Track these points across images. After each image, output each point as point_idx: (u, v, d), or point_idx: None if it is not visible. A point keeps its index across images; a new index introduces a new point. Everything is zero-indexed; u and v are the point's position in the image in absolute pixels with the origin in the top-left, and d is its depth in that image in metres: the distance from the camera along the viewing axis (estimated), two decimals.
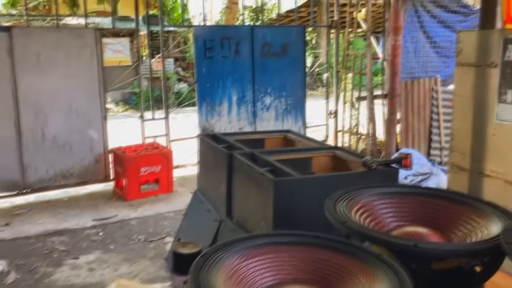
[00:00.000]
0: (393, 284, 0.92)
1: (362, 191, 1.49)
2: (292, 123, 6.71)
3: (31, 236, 4.39)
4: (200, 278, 0.94)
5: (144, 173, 5.34)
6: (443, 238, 1.32)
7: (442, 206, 1.44)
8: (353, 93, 7.16)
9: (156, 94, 8.95)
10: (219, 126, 6.20)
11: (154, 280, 3.48)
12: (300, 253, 1.10)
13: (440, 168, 6.09)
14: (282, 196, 2.39)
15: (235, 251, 1.06)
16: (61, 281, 3.59)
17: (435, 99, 6.79)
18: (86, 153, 5.50)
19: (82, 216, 4.83)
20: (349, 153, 3.00)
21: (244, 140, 3.41)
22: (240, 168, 2.82)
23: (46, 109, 5.24)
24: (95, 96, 5.46)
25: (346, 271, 1.02)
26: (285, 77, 6.57)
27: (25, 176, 5.23)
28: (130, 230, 4.50)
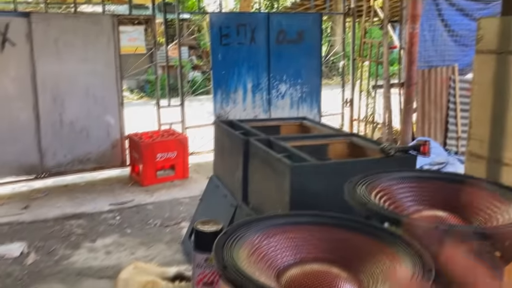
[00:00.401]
0: (414, 264, 0.92)
1: (381, 175, 1.49)
2: (307, 111, 6.69)
3: (50, 219, 4.47)
4: (223, 255, 0.95)
5: (160, 159, 5.38)
6: (463, 222, 1.32)
7: (462, 190, 1.43)
8: (369, 81, 7.10)
9: (171, 82, 8.98)
10: (234, 113, 6.21)
11: (170, 264, 3.52)
12: (320, 232, 1.11)
13: (457, 157, 6.03)
14: (298, 181, 2.39)
15: (256, 230, 1.08)
16: (79, 263, 3.66)
17: (452, 88, 6.71)
18: (103, 139, 5.56)
19: (99, 201, 4.90)
20: (366, 140, 2.99)
21: (260, 127, 3.41)
22: (256, 153, 2.84)
23: (63, 95, 5.30)
24: (112, 82, 5.51)
25: (367, 250, 1.03)
26: (301, 65, 6.54)
27: (43, 160, 5.31)
28: (146, 215, 4.56)
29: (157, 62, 6.54)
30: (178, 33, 6.28)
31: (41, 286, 3.34)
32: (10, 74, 5.03)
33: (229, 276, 0.85)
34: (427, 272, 0.87)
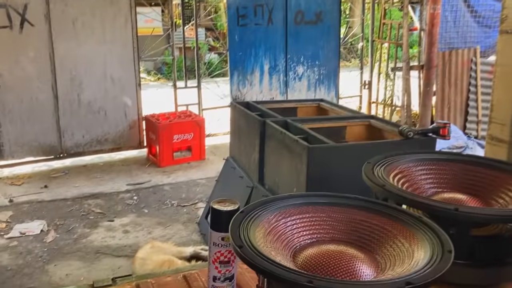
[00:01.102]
0: (433, 245, 0.91)
1: (400, 157, 1.46)
2: (324, 93, 6.63)
3: (68, 198, 4.55)
4: (239, 233, 0.95)
5: (177, 140, 5.41)
6: (483, 205, 1.30)
7: (482, 173, 1.40)
8: (388, 64, 6.99)
9: (187, 64, 8.98)
10: (250, 95, 6.18)
11: (186, 244, 3.57)
12: (338, 213, 1.10)
13: (477, 141, 5.94)
14: (316, 163, 2.38)
15: (273, 209, 1.07)
16: (98, 242, 3.72)
17: (474, 70, 6.56)
18: (120, 120, 5.60)
19: (117, 181, 4.97)
20: (384, 122, 2.95)
21: (277, 109, 3.40)
22: (273, 135, 2.83)
23: (81, 75, 5.34)
24: (129, 63, 5.52)
25: (385, 232, 1.01)
26: (319, 46, 6.46)
27: (62, 140, 5.38)
28: (163, 195, 4.60)
29: (174, 44, 6.53)
30: (195, 14, 6.24)
31: (61, 263, 3.42)
32: (29, 54, 5.08)
33: (245, 255, 0.85)
34: (447, 253, 0.86)
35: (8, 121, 5.09)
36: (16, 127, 5.13)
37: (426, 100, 6.29)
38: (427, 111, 6.30)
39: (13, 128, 5.12)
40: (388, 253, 0.97)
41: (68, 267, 3.36)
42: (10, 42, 4.95)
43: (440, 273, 0.80)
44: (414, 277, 0.79)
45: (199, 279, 1.25)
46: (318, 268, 0.91)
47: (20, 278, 3.24)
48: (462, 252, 1.14)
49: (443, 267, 0.82)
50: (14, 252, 3.56)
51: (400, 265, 0.90)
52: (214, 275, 1.17)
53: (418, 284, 0.77)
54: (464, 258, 1.14)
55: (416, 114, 6.71)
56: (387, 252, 0.98)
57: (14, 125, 5.12)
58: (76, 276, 3.23)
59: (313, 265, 0.93)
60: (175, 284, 1.24)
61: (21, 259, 3.47)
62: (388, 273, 0.89)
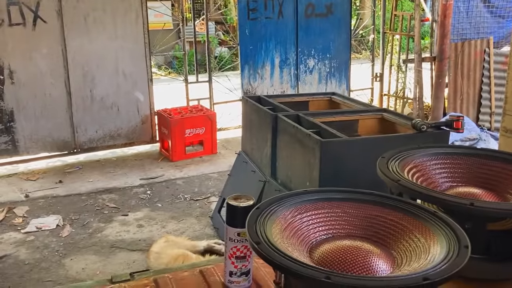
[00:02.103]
0: (449, 241, 0.91)
1: (414, 151, 1.46)
2: (336, 86, 6.61)
3: (83, 193, 4.60)
4: (256, 230, 0.96)
5: (189, 135, 5.44)
6: (498, 199, 1.29)
7: (497, 167, 1.40)
8: (399, 55, 6.94)
9: (198, 58, 8.98)
10: (261, 89, 6.18)
11: (200, 237, 3.60)
12: (353, 209, 1.11)
13: (490, 133, 5.88)
14: (328, 157, 2.39)
15: (289, 205, 1.08)
16: (112, 236, 3.77)
17: (487, 62, 6.48)
18: (133, 115, 5.64)
19: (130, 175, 5.01)
20: (397, 115, 2.94)
21: (288, 102, 3.40)
22: (285, 129, 2.83)
23: (94, 71, 5.38)
24: (141, 58, 5.55)
25: (401, 227, 1.02)
26: (329, 39, 6.42)
27: (76, 136, 5.44)
28: (176, 189, 4.64)
29: (185, 38, 6.54)
30: (205, 8, 6.24)
31: (77, 257, 3.47)
32: (42, 51, 5.12)
33: (262, 251, 0.86)
34: (463, 249, 0.86)
35: (22, 117, 5.15)
36: (30, 123, 5.19)
37: (439, 92, 6.24)
38: (439, 103, 6.25)
39: (27, 124, 5.18)
40: (404, 248, 0.98)
41: (84, 261, 3.41)
42: (24, 39, 5.00)
43: (457, 269, 0.80)
44: (431, 272, 0.80)
45: (215, 274, 1.27)
46: (335, 264, 0.92)
47: (37, 272, 3.30)
48: (478, 247, 1.14)
49: (460, 263, 0.82)
50: (31, 246, 3.62)
51: (416, 261, 0.91)
52: (230, 270, 1.19)
53: (436, 279, 0.78)
54: (480, 253, 1.15)
55: (428, 106, 6.66)
56: (403, 247, 0.98)
57: (28, 121, 5.18)
58: (92, 270, 3.28)
59: (330, 260, 0.94)
60: (192, 279, 1.26)
61: (38, 253, 3.52)
62: (405, 268, 0.90)
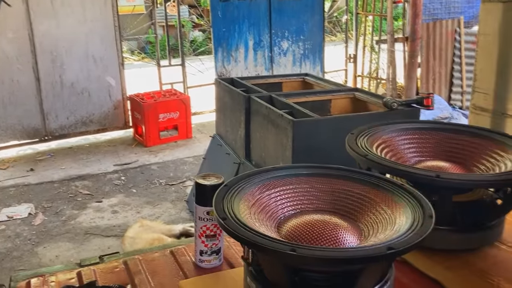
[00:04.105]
0: (415, 211, 0.92)
1: (383, 127, 1.47)
2: (310, 68, 6.61)
3: (55, 180, 4.52)
4: (223, 206, 0.95)
5: (163, 120, 5.38)
6: (465, 171, 1.31)
7: (464, 140, 1.42)
8: (373, 36, 6.97)
9: (172, 42, 8.86)
10: (235, 72, 6.14)
11: (176, 221, 3.59)
12: (321, 184, 1.10)
13: (461, 112, 5.99)
14: (301, 137, 2.39)
15: (256, 182, 1.07)
16: (86, 223, 3.72)
17: (458, 41, 6.57)
18: (104, 100, 5.54)
19: (104, 162, 4.94)
20: (369, 94, 2.96)
21: (262, 84, 3.39)
22: (258, 110, 2.82)
23: (63, 56, 5.25)
24: (111, 42, 5.43)
25: (368, 200, 1.02)
26: (303, 21, 6.40)
27: (46, 123, 5.32)
28: (151, 175, 4.59)
29: (156, 22, 6.43)
30: None
31: (50, 245, 3.41)
32: (7, 35, 4.96)
33: (228, 227, 0.85)
34: (428, 218, 0.87)
35: None
36: None
37: (411, 72, 6.30)
38: (412, 83, 6.32)
39: None
40: (371, 220, 0.98)
41: (58, 249, 3.36)
42: None
43: (421, 238, 0.81)
44: (395, 242, 0.80)
45: (186, 254, 1.26)
46: (302, 238, 0.92)
47: (10, 261, 3.24)
48: (444, 218, 1.15)
49: (424, 232, 0.83)
50: (2, 236, 3.55)
51: (382, 232, 0.91)
52: (201, 249, 1.18)
53: (400, 249, 0.78)
54: (446, 224, 1.16)
55: (401, 86, 6.73)
56: (370, 219, 0.99)
57: None
58: (65, 257, 3.24)
59: (297, 234, 0.94)
60: (163, 260, 1.25)
61: (10, 242, 3.46)
62: (371, 239, 0.91)
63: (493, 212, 1.21)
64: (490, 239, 1.23)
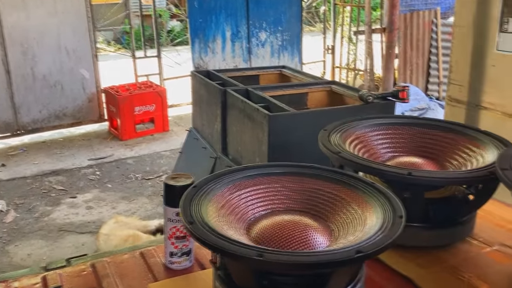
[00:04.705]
0: (385, 211, 0.90)
1: (356, 123, 1.46)
2: (288, 59, 6.58)
3: (28, 176, 4.41)
4: (190, 209, 0.92)
5: (139, 112, 5.29)
6: (438, 167, 1.31)
7: (438, 135, 1.41)
8: (350, 27, 6.97)
9: (148, 32, 8.71)
10: (213, 63, 6.07)
11: (152, 217, 3.55)
12: (292, 183, 1.08)
13: (438, 102, 6.06)
14: (277, 131, 2.37)
15: (226, 182, 1.04)
16: (60, 219, 3.65)
17: (435, 32, 6.63)
18: (78, 93, 5.42)
19: (78, 156, 4.84)
20: (345, 87, 2.95)
21: (238, 77, 3.35)
22: (234, 104, 2.79)
23: (34, 48, 5.11)
24: (84, 34, 5.31)
25: (339, 199, 1.01)
26: (280, 11, 6.36)
27: (18, 117, 5.19)
28: (126, 169, 4.52)
29: (131, 11, 6.30)
30: None
31: (22, 243, 3.33)
32: None
33: (195, 232, 0.83)
34: (398, 219, 0.86)
35: None
36: None
37: (389, 63, 6.33)
38: (389, 74, 6.35)
39: None
40: (342, 220, 0.97)
41: (30, 247, 3.29)
42: None
43: (390, 240, 0.79)
44: (364, 245, 0.78)
45: (156, 255, 1.23)
46: (272, 240, 0.90)
47: None
48: (416, 215, 1.15)
49: (394, 234, 0.81)
50: None
51: (352, 233, 0.90)
52: (171, 250, 1.15)
53: (368, 252, 0.77)
54: (419, 221, 1.16)
55: (379, 77, 6.77)
56: (340, 219, 0.97)
57: None
58: (38, 256, 3.17)
59: (266, 237, 0.92)
60: (132, 262, 1.22)
61: None
62: (341, 241, 0.89)
63: (465, 208, 1.21)
64: (462, 234, 1.23)
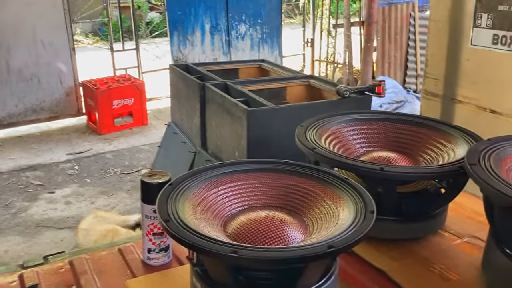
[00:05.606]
0: (357, 206, 0.93)
1: (331, 119, 1.48)
2: (268, 52, 6.59)
3: (4, 171, 4.34)
4: (167, 207, 0.93)
5: (117, 106, 5.24)
6: (411, 162, 1.34)
7: (410, 130, 1.45)
8: (329, 20, 7.01)
9: (127, 24, 8.60)
10: (192, 56, 6.04)
11: (131, 212, 3.53)
12: (269, 179, 1.10)
13: (415, 95, 6.15)
14: (255, 126, 2.39)
15: (203, 179, 1.05)
16: (38, 215, 3.60)
17: (412, 25, 6.71)
18: (55, 86, 5.34)
19: (56, 151, 4.78)
20: (323, 81, 2.98)
21: (217, 70, 3.35)
22: (213, 98, 2.79)
23: (9, 40, 5.00)
24: (61, 26, 5.22)
25: (314, 195, 1.03)
26: (260, 4, 6.35)
27: None
28: (105, 164, 4.49)
29: (111, 3, 6.21)
30: None
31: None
32: None
33: (171, 229, 0.84)
34: (369, 214, 0.88)
35: None
36: None
37: (367, 56, 6.40)
38: (368, 67, 6.42)
39: None
40: (316, 215, 0.99)
41: (7, 243, 3.25)
42: None
43: (361, 235, 0.82)
44: (336, 240, 0.81)
45: (134, 251, 1.24)
46: (248, 236, 0.92)
47: None
48: (390, 209, 1.18)
49: (365, 228, 0.84)
50: None
51: (325, 228, 0.92)
52: (148, 247, 1.16)
53: (340, 247, 0.79)
54: (392, 214, 1.19)
55: (358, 70, 6.83)
56: (315, 214, 1.00)
57: None
58: (15, 252, 3.13)
59: (243, 233, 0.93)
60: (110, 258, 1.22)
61: None
62: (315, 236, 0.91)
63: (437, 201, 1.25)
64: (434, 227, 1.27)
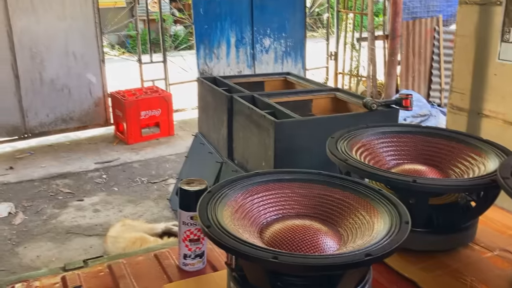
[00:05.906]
0: (392, 217, 0.95)
1: (363, 131, 1.50)
2: (291, 65, 6.64)
3: (35, 179, 4.46)
4: (207, 213, 0.97)
5: (145, 117, 5.35)
6: (441, 175, 1.35)
7: (441, 144, 1.46)
8: (353, 34, 7.03)
9: (152, 37, 8.77)
10: (217, 69, 6.14)
11: (158, 220, 3.59)
12: (302, 189, 1.13)
13: (440, 109, 6.10)
14: (283, 138, 2.42)
15: (240, 188, 1.09)
16: (68, 222, 3.69)
17: (437, 39, 6.68)
18: (85, 97, 5.48)
19: (85, 160, 4.89)
20: (349, 94, 3.00)
21: (244, 83, 3.40)
22: (241, 110, 2.84)
23: (42, 52, 5.17)
24: (91, 39, 5.37)
25: (347, 205, 1.05)
26: (284, 18, 6.42)
27: (26, 120, 5.24)
28: (133, 173, 4.57)
29: (138, 16, 6.37)
30: None
31: (31, 245, 3.38)
32: None
33: (212, 234, 0.88)
34: (404, 224, 0.91)
35: None
36: None
37: (391, 70, 6.39)
38: (392, 80, 6.41)
39: None
40: (350, 225, 1.02)
41: (39, 248, 3.34)
42: None
43: (397, 244, 0.84)
44: (373, 248, 0.83)
45: (170, 257, 1.27)
46: (284, 243, 0.95)
47: None
48: (421, 221, 1.20)
49: (400, 238, 0.86)
50: None
51: (361, 237, 0.95)
52: (184, 252, 1.20)
53: (377, 255, 0.82)
54: (423, 226, 1.21)
55: (381, 83, 6.82)
56: (349, 224, 1.02)
57: None
58: (47, 257, 3.22)
59: (279, 240, 0.97)
60: (147, 263, 1.26)
61: None
62: (350, 245, 0.94)
63: (467, 214, 1.26)
64: (464, 240, 1.27)
